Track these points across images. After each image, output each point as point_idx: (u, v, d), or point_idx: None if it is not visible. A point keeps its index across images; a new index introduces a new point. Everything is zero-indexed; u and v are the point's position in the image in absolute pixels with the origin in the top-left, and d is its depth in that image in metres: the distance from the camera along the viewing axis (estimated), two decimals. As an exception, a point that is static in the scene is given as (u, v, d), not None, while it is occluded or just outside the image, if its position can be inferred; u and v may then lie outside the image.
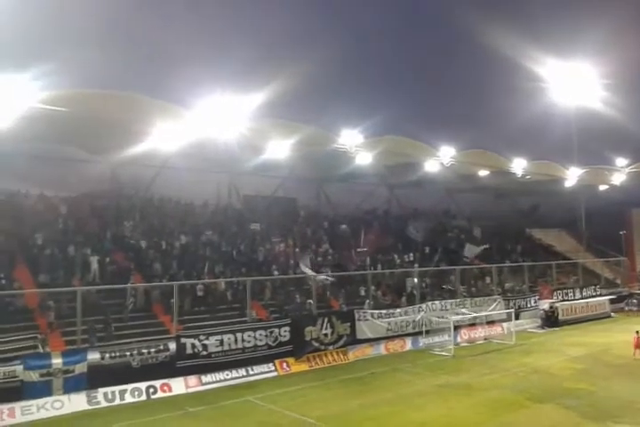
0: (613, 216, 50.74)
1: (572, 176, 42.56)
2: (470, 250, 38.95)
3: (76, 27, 41.28)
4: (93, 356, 18.72)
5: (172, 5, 52.52)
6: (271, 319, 24.80)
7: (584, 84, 43.02)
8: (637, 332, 24.77)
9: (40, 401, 17.37)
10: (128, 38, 46.91)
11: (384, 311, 27.11)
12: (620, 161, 44.49)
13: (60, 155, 29.92)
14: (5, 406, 16.72)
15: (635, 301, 41.42)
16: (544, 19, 55.74)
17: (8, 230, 25.64)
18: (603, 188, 48.19)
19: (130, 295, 23.74)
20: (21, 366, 17.37)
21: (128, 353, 19.39)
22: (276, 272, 29.52)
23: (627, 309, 40.13)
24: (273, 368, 22.55)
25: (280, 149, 28.76)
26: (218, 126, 24.94)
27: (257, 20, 55.32)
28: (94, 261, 25.11)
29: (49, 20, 37.76)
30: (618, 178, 45.24)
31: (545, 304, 34.47)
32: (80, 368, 18.29)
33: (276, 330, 23.13)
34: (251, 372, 21.85)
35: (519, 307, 33.45)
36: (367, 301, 28.61)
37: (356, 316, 25.88)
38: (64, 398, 17.81)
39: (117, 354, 19.20)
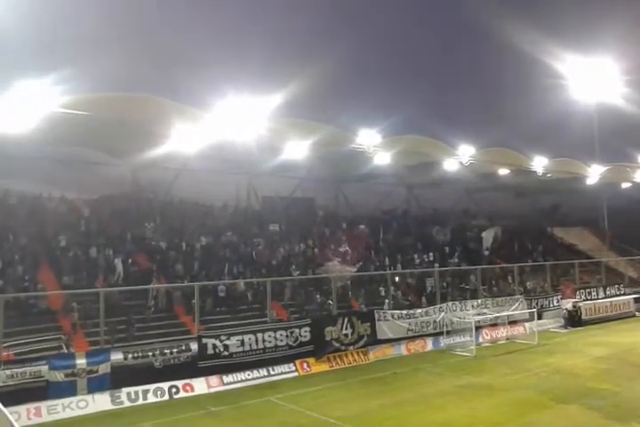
0: (636, 214, 49.90)
1: (594, 174, 41.94)
2: (486, 239, 38.76)
3: (94, 31, 41.86)
4: (116, 356, 18.93)
5: (190, 8, 52.99)
6: (291, 320, 24.86)
7: (605, 80, 42.42)
8: None
9: (65, 401, 17.62)
10: (146, 41, 47.38)
11: (404, 312, 27.00)
12: (644, 158, 43.74)
13: (81, 158, 30.47)
14: (32, 406, 16.97)
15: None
16: (564, 14, 54.99)
17: (32, 233, 26.11)
18: (625, 185, 47.43)
19: (152, 296, 24.01)
20: (46, 367, 17.63)
21: (150, 353, 19.57)
22: (296, 273, 29.59)
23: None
24: (294, 368, 22.59)
25: (298, 149, 28.82)
26: (236, 127, 25.05)
27: (275, 20, 55.54)
28: (119, 263, 25.41)
29: (68, 25, 38.33)
30: (640, 175, 44.50)
31: (568, 304, 34.04)
32: (103, 368, 18.52)
33: (297, 330, 23.17)
34: (272, 372, 21.91)
35: (541, 307, 33.07)
36: (387, 301, 28.53)
37: (376, 316, 25.81)
38: (88, 397, 18.04)
39: (140, 354, 19.38)
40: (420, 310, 27.62)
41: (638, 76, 43.42)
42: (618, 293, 38.62)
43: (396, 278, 32.25)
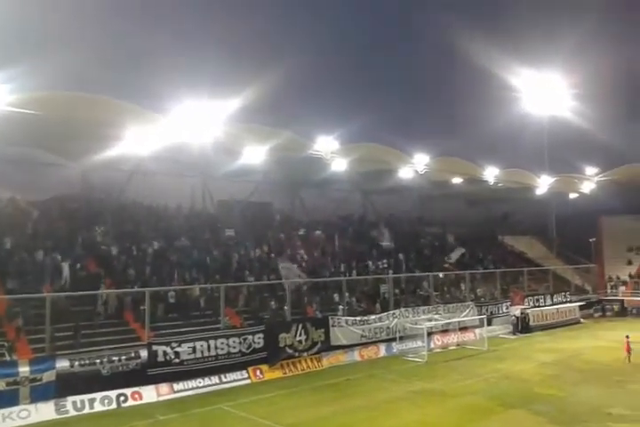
0: (583, 224, 51.69)
1: (543, 184, 43.35)
2: (453, 257, 39.82)
3: (46, 29, 40.68)
4: (62, 364, 18.33)
5: (149, 10, 52.16)
6: (245, 326, 24.62)
7: (555, 94, 43.91)
8: (627, 336, 25.15)
9: (6, 411, 16.93)
10: (102, 42, 46.39)
11: (358, 318, 27.14)
12: (590, 170, 45.43)
13: (30, 158, 29.49)
14: (-30, 416, 16.27)
15: (603, 307, 42.24)
16: (517, 30, 56.73)
17: (-25, 235, 25.03)
18: (573, 196, 49.17)
19: (101, 302, 23.32)
20: (-14, 375, 16.92)
21: (98, 361, 19.05)
22: (251, 279, 29.31)
23: (595, 315, 40.84)
24: (246, 375, 22.37)
25: (255, 153, 28.70)
26: (193, 131, 24.79)
27: (233, 25, 55.17)
28: (65, 267, 24.60)
29: (18, 23, 37.11)
30: (587, 186, 46.21)
31: (516, 310, 34.91)
32: (48, 376, 17.90)
33: (250, 337, 22.97)
34: (224, 379, 21.65)
35: (491, 313, 33.84)
36: (341, 307, 28.61)
37: (331, 322, 25.86)
38: (31, 407, 17.41)
39: (87, 362, 18.84)
40: (373, 317, 27.82)
41: (585, 91, 45.14)
42: (564, 300, 39.88)
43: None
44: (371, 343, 27.29)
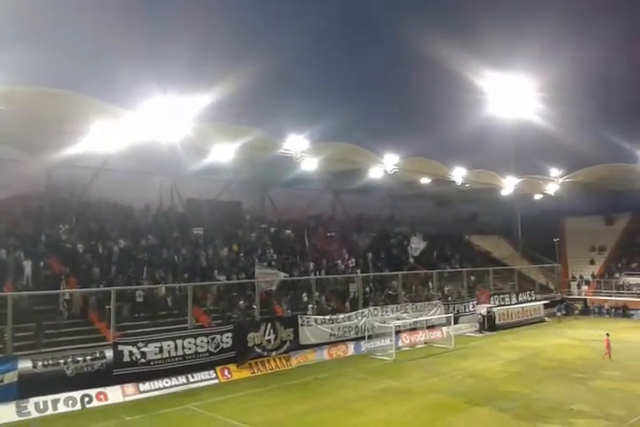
0: (548, 224, 52.92)
1: (509, 185, 44.14)
2: (415, 249, 40.01)
3: (11, 23, 39.65)
4: (24, 364, 17.92)
5: (116, 4, 51.29)
6: (213, 325, 24.43)
7: (521, 97, 44.69)
8: (607, 334, 25.62)
9: (-36, 413, 16.47)
10: (68, 36, 45.45)
11: (327, 317, 27.20)
12: (554, 171, 46.39)
13: (-9, 154, 28.62)
14: None
15: (566, 306, 43.22)
16: (484, 31, 57.63)
17: None
18: (538, 197, 50.18)
19: (62, 301, 22.83)
20: (-56, 377, 16.44)
21: (62, 361, 18.67)
22: (220, 278, 29.08)
23: (559, 314, 41.80)
24: (214, 375, 22.21)
25: (225, 152, 28.55)
26: (160, 128, 24.49)
27: (203, 21, 54.66)
28: (27, 266, 24.05)
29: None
30: (552, 188, 47.20)
31: (482, 309, 35.45)
32: (10, 377, 17.49)
33: (218, 336, 22.81)
34: (191, 379, 21.45)
35: (458, 311, 34.30)
36: (310, 306, 28.63)
37: (300, 321, 25.86)
38: (-9, 409, 16.95)
39: (50, 362, 18.45)
40: (342, 315, 27.92)
41: (551, 94, 46.04)
42: (529, 299, 40.67)
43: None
44: (339, 342, 27.39)
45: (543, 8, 59.05)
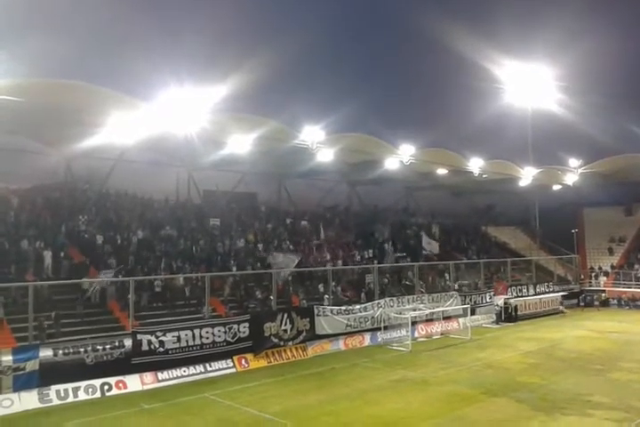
0: (566, 215, 52.28)
1: (527, 176, 43.61)
2: (428, 243, 39.75)
3: (29, 14, 39.96)
4: (45, 353, 18.20)
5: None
6: (230, 315, 24.62)
7: (540, 86, 44.09)
8: None
9: (-12, 400, 16.81)
10: (84, 28, 45.71)
11: (343, 307, 27.25)
12: (573, 162, 45.78)
13: (12, 146, 28.98)
14: (-49, 406, 16.13)
15: (585, 297, 42.84)
16: (502, 20, 56.92)
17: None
18: (556, 187, 49.58)
19: (91, 289, 23.19)
20: (-32, 364, 16.78)
21: (82, 350, 18.93)
22: (234, 268, 29.27)
23: (577, 305, 41.41)
24: (231, 364, 22.40)
25: (241, 143, 28.57)
26: (178, 119, 24.55)
27: (220, 12, 54.63)
28: (48, 256, 24.41)
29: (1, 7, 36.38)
30: (570, 178, 46.58)
31: (500, 300, 35.26)
32: (31, 366, 17.77)
33: (235, 326, 22.96)
34: (209, 368, 21.66)
35: (475, 303, 34.14)
36: (326, 296, 28.70)
37: (316, 311, 25.93)
38: (14, 396, 17.30)
39: (71, 351, 18.71)
40: (358, 306, 27.94)
41: (570, 83, 45.36)
42: (547, 290, 40.36)
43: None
44: (356, 333, 27.43)
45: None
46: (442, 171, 39.84)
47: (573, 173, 46.04)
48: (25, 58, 21.85)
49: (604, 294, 43.15)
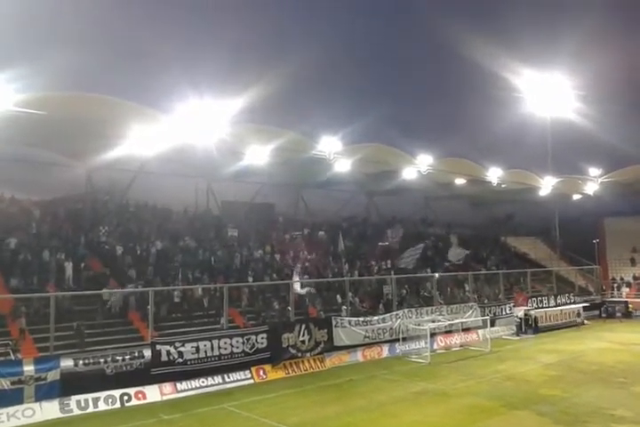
0: (586, 225, 51.67)
1: (547, 185, 43.24)
2: (454, 254, 39.38)
3: (52, 29, 40.87)
4: (66, 363, 18.36)
5: (152, 9, 52.32)
6: (248, 326, 24.66)
7: (559, 95, 43.86)
8: None
9: (10, 409, 16.95)
10: (106, 42, 46.57)
11: (361, 319, 27.12)
12: (593, 171, 45.31)
13: (34, 158, 29.65)
14: (-26, 415, 16.34)
15: (607, 309, 42.15)
16: (520, 29, 56.80)
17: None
18: (576, 197, 49.06)
19: (110, 300, 23.46)
20: (-8, 374, 17.00)
21: (102, 360, 19.06)
22: (250, 279, 29.33)
23: (599, 317, 40.76)
24: (249, 375, 22.38)
25: (259, 154, 28.77)
26: (197, 131, 24.85)
27: (238, 24, 55.31)
28: (68, 267, 24.72)
29: (22, 23, 37.29)
30: (591, 188, 46.08)
31: (520, 311, 34.84)
32: (52, 375, 17.94)
33: (253, 337, 22.97)
34: (227, 379, 21.65)
35: (494, 314, 33.74)
36: (344, 307, 28.63)
37: (334, 323, 25.85)
38: (35, 406, 17.43)
39: (91, 361, 18.85)
40: (376, 317, 27.80)
41: (590, 92, 45.06)
42: (568, 301, 39.78)
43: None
44: (374, 344, 27.27)
45: (581, 4, 57.76)
46: (460, 181, 39.68)
47: (594, 182, 45.56)
48: (47, 72, 22.26)
49: (630, 306, 42.33)
